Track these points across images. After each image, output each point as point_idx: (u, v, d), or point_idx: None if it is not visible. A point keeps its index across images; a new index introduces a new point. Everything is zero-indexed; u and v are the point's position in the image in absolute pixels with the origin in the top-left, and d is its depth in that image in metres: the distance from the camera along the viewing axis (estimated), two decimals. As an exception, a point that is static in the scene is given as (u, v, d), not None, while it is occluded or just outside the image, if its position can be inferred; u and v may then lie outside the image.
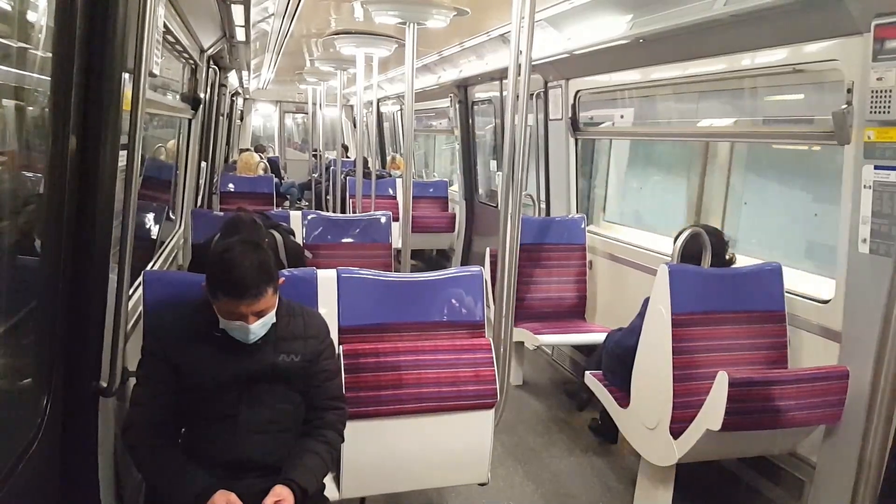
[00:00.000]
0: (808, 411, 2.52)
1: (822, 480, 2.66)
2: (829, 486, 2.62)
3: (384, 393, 2.35)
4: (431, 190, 7.75)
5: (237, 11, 3.70)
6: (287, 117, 14.96)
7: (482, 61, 5.46)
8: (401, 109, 9.84)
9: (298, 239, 4.00)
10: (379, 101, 9.10)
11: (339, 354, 2.30)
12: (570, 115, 4.64)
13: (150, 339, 2.05)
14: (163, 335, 1.99)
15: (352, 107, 11.04)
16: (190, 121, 5.10)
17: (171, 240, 4.75)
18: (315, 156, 10.43)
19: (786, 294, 2.91)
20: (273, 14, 4.41)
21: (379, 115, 10.77)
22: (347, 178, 7.26)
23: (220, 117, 7.70)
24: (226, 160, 10.12)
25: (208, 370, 1.93)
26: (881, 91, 2.29)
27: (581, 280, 4.43)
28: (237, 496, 1.83)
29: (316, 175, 9.87)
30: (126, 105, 1.80)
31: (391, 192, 7.43)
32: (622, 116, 4.48)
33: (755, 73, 3.19)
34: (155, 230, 4.36)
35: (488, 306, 2.70)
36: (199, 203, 6.22)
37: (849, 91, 2.49)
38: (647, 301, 2.95)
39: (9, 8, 1.62)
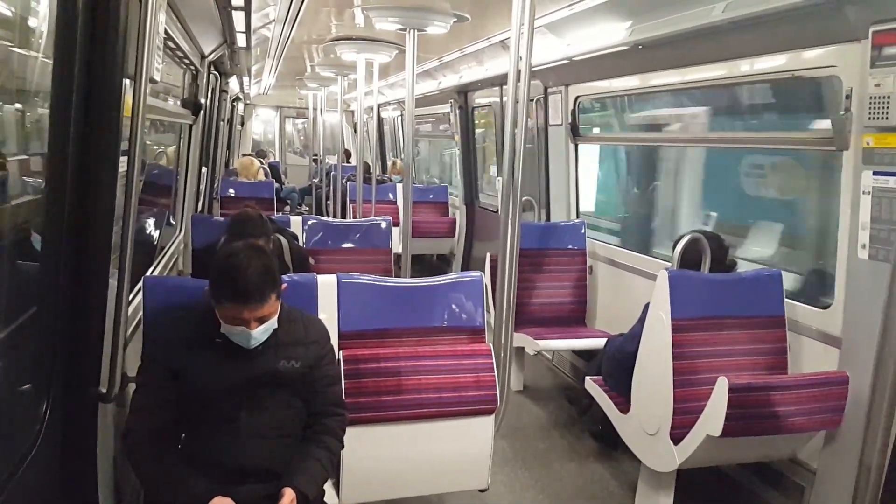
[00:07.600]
0: (808, 417, 2.52)
1: (823, 486, 2.65)
2: (829, 491, 2.61)
3: (384, 399, 2.35)
4: (432, 195, 7.75)
5: (238, 18, 3.71)
6: (287, 122, 14.99)
7: (482, 67, 5.47)
8: (401, 115, 9.86)
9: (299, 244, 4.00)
10: (379, 106, 9.11)
11: (339, 360, 2.29)
12: (569, 120, 4.65)
13: (150, 344, 2.05)
14: (163, 341, 1.99)
15: (352, 112, 11.05)
16: (191, 126, 5.11)
17: (172, 245, 4.75)
18: (315, 161, 10.45)
19: (786, 300, 2.91)
20: (274, 20, 4.42)
21: (379, 120, 10.78)
22: (348, 182, 7.27)
23: (221, 123, 7.73)
24: (226, 165, 10.13)
25: (208, 376, 1.93)
26: (879, 97, 2.29)
27: (581, 285, 4.43)
28: (238, 502, 1.83)
29: (316, 180, 9.88)
30: (127, 111, 1.80)
31: (391, 196, 7.44)
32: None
33: (754, 79, 3.20)
34: (155, 236, 4.37)
35: (488, 311, 2.69)
36: (199, 208, 6.23)
37: (847, 97, 2.49)
38: (647, 307, 2.95)
39: (10, 14, 1.63)
